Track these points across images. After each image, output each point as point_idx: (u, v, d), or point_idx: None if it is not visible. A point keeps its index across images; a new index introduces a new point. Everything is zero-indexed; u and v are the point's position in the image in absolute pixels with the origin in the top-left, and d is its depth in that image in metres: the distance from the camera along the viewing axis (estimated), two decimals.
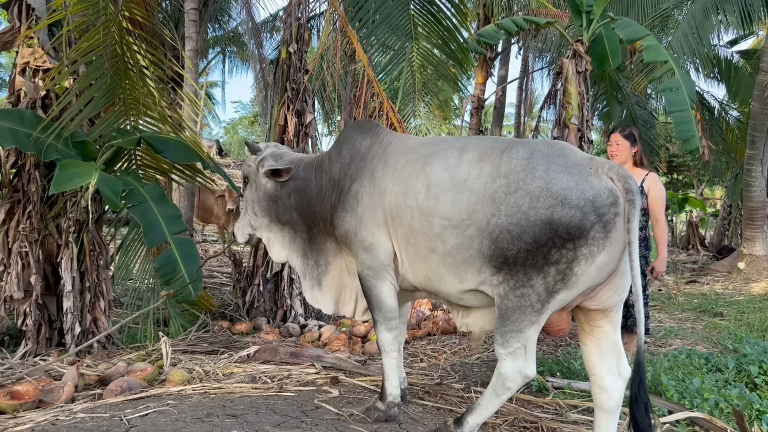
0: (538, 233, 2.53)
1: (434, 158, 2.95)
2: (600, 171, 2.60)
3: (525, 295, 2.61)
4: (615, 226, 2.52)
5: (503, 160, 2.72)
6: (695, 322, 6.97)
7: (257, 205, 3.63)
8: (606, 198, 2.52)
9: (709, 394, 3.60)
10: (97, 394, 3.67)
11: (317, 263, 3.56)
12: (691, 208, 21.11)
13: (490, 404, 2.84)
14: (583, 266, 2.54)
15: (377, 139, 3.31)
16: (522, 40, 16.78)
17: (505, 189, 2.64)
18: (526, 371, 2.71)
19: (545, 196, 2.54)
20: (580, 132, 8.34)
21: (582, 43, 8.53)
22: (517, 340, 2.67)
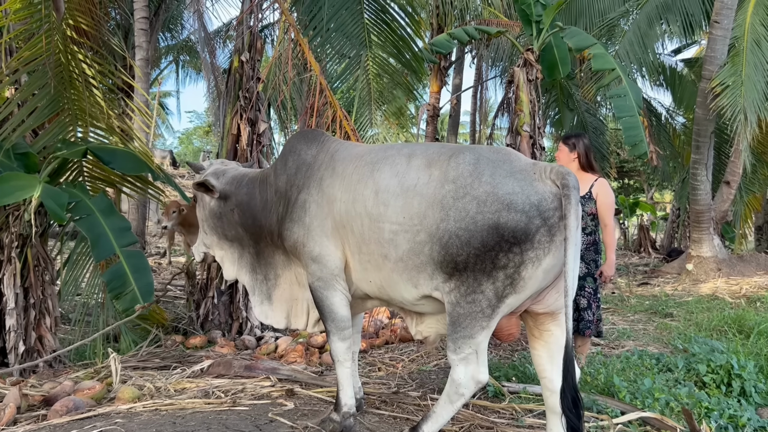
0: (485, 238, 2.56)
1: (382, 164, 2.95)
2: (544, 175, 2.64)
3: (476, 301, 2.63)
4: (559, 230, 2.57)
5: (451, 165, 2.74)
6: (647, 324, 7.13)
7: (205, 224, 3.64)
8: (550, 202, 2.56)
9: (659, 393, 3.67)
10: (42, 415, 3.53)
11: (266, 277, 3.52)
12: (642, 212, 21.69)
13: (445, 411, 2.84)
14: (530, 270, 2.57)
15: (323, 148, 3.28)
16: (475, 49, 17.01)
17: (453, 194, 2.66)
18: (478, 377, 2.74)
19: (492, 201, 2.57)
20: (532, 139, 8.47)
21: (532, 52, 8.68)
22: (468, 345, 2.69)
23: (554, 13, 8.41)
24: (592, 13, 12.43)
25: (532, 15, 8.38)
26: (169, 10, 15.26)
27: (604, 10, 12.46)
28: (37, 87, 4.79)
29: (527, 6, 8.29)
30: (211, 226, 3.61)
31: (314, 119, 5.40)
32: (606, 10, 12.47)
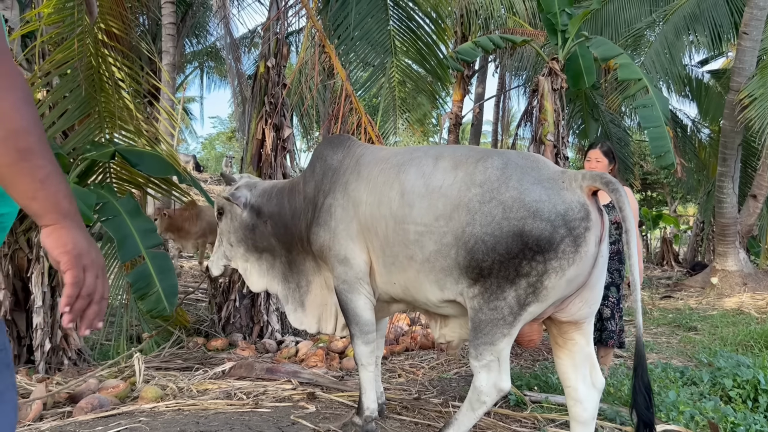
0: (510, 244, 2.53)
1: (408, 166, 2.93)
2: (573, 184, 2.60)
3: (498, 308, 2.61)
4: (585, 241, 2.53)
5: (478, 168, 2.71)
6: (670, 337, 7.04)
7: (233, 236, 3.62)
8: (577, 212, 2.52)
9: (684, 407, 3.61)
10: (67, 412, 3.57)
11: (299, 285, 3.55)
12: (665, 225, 21.44)
13: (467, 419, 2.83)
14: (553, 279, 2.54)
15: (349, 152, 3.29)
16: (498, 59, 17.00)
17: (479, 198, 2.63)
18: (500, 384, 2.71)
19: (518, 207, 2.55)
20: (555, 149, 8.43)
21: (557, 61, 8.65)
22: (490, 352, 2.67)
23: (580, 22, 8.37)
24: (618, 23, 12.36)
25: (558, 24, 8.35)
26: (195, 16, 15.47)
27: (630, 20, 12.39)
28: (68, 89, 4.88)
29: (553, 15, 8.27)
30: (240, 237, 3.60)
31: (339, 125, 5.42)
32: (632, 20, 12.40)
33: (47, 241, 1.04)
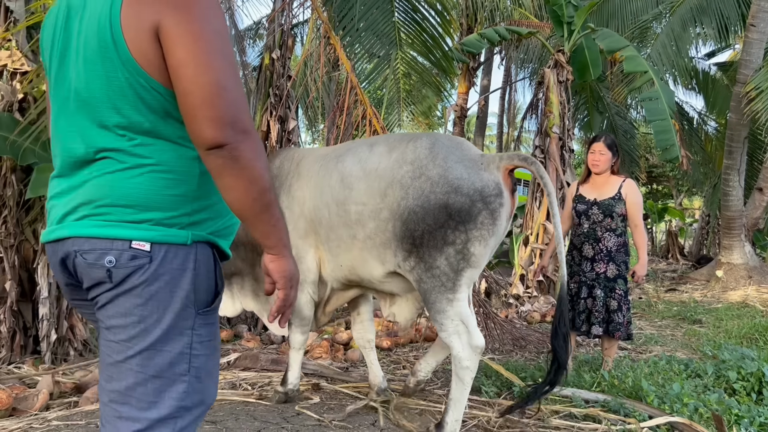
0: (437, 215, 2.85)
1: (346, 156, 3.19)
2: (492, 165, 2.96)
3: (435, 275, 2.90)
4: (500, 215, 2.89)
5: (409, 148, 3.02)
6: (675, 329, 7.03)
7: None
8: (492, 189, 2.88)
9: (688, 399, 3.62)
10: (73, 402, 3.60)
11: (269, 298, 3.60)
12: (671, 218, 21.38)
13: (461, 393, 2.98)
14: (479, 247, 2.88)
15: (287, 158, 3.50)
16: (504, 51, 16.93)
17: (411, 174, 2.93)
18: (474, 342, 2.95)
19: (443, 183, 2.87)
20: (561, 141, 8.42)
21: (563, 53, 8.63)
22: (448, 318, 2.94)
23: (586, 14, 8.34)
24: (624, 15, 12.28)
25: (564, 16, 8.32)
26: None
27: (636, 12, 12.31)
28: None
29: (559, 7, 8.23)
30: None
31: (344, 117, 5.42)
32: (638, 12, 12.31)
33: (272, 265, 1.41)
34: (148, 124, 1.32)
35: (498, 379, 4.10)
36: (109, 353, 1.34)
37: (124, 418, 1.32)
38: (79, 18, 1.35)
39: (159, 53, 1.28)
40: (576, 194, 4.57)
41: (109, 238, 1.30)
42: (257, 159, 1.29)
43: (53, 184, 1.42)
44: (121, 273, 1.30)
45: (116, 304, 1.31)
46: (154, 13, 1.26)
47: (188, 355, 1.35)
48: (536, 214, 8.44)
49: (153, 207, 1.32)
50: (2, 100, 4.93)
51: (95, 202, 1.32)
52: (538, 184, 8.62)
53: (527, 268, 8.30)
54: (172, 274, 1.33)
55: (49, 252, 1.41)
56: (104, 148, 1.32)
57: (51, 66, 1.42)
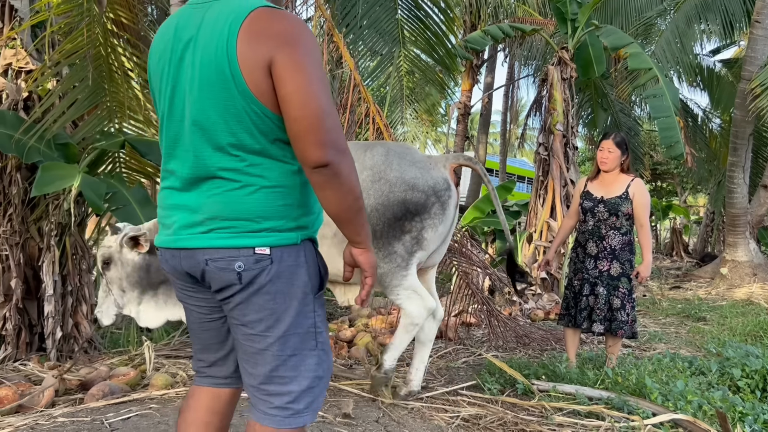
0: (396, 210, 3.34)
1: None
2: (439, 164, 3.56)
3: (392, 260, 3.39)
4: (449, 205, 3.48)
5: (367, 156, 3.45)
6: (679, 327, 7.03)
7: (125, 282, 3.53)
8: (442, 185, 3.45)
9: (692, 396, 3.61)
10: (79, 399, 3.62)
11: None
12: (675, 215, 21.32)
13: (403, 340, 3.56)
14: (430, 233, 3.44)
15: None
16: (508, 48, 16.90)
17: (371, 178, 3.38)
18: (427, 305, 3.49)
19: (400, 183, 3.36)
20: (565, 138, 8.41)
21: (567, 51, 8.61)
22: (403, 289, 3.44)
23: (590, 11, 8.32)
24: (629, 12, 12.25)
25: (568, 13, 8.30)
26: None
27: (640, 9, 12.28)
28: (78, 79, 4.89)
29: (563, 4, 8.22)
30: (134, 281, 3.52)
31: (348, 114, 5.42)
32: (643, 9, 12.28)
33: (361, 257, 1.65)
34: (258, 145, 1.53)
35: (501, 376, 4.11)
36: (249, 344, 1.60)
37: (274, 394, 1.60)
38: (192, 51, 1.54)
39: (271, 84, 1.47)
40: (583, 191, 4.56)
41: (236, 247, 1.54)
42: (352, 173, 1.53)
43: (168, 195, 1.64)
44: (249, 275, 1.54)
45: (250, 303, 1.56)
46: (268, 50, 1.45)
47: (314, 332, 1.62)
48: (540, 212, 8.44)
49: (268, 217, 1.55)
50: (7, 98, 4.95)
51: (220, 217, 1.55)
52: (542, 182, 8.62)
53: (531, 266, 8.30)
54: (290, 270, 1.58)
55: (167, 255, 1.66)
56: (220, 168, 1.54)
57: (162, 90, 1.62)
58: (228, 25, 1.48)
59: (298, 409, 1.60)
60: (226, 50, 1.47)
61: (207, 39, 1.50)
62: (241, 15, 1.48)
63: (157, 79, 1.65)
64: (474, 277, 6.19)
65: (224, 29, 1.48)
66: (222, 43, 1.47)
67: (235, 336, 1.64)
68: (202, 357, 1.81)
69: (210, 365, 1.80)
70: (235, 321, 1.61)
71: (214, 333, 1.76)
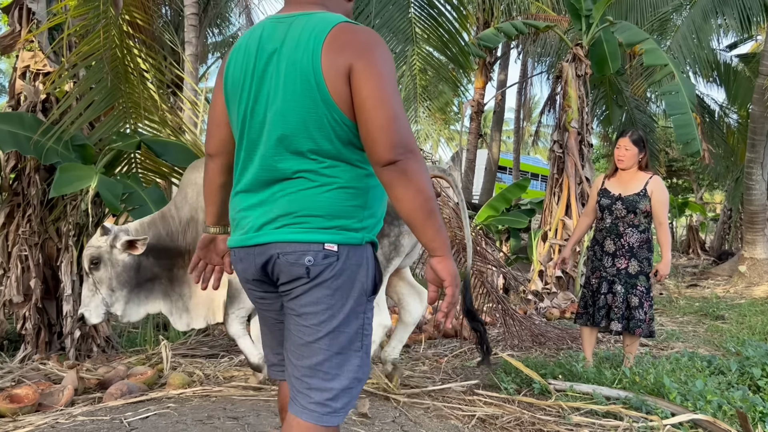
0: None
1: None
2: None
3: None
4: None
5: None
6: (697, 326, 6.96)
7: (115, 281, 3.54)
8: None
9: (712, 396, 3.58)
10: (97, 398, 3.65)
11: (181, 295, 3.73)
12: (691, 213, 21.12)
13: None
14: (407, 238, 3.56)
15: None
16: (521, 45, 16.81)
17: None
18: (384, 322, 3.52)
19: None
20: (580, 135, 8.35)
21: (581, 47, 8.55)
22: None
23: (604, 7, 8.26)
24: (644, 7, 12.13)
25: (582, 9, 8.24)
26: (217, 6, 15.52)
27: (656, 4, 12.15)
28: (95, 81, 4.93)
29: (576, 0, 8.15)
30: (124, 280, 3.56)
31: None
32: (658, 4, 12.15)
33: (440, 266, 1.61)
34: (335, 150, 1.61)
35: (517, 376, 4.09)
36: (300, 335, 1.64)
37: (314, 389, 1.63)
38: (276, 62, 1.63)
39: (349, 92, 1.57)
40: (601, 188, 4.53)
41: (307, 242, 1.60)
42: (422, 173, 1.56)
43: (241, 199, 1.72)
44: (316, 269, 1.59)
45: (309, 294, 1.61)
46: (347, 60, 1.55)
47: (361, 334, 1.67)
48: (555, 210, 8.39)
49: (338, 216, 1.62)
50: (25, 100, 5.00)
51: (293, 213, 1.62)
52: (556, 179, 8.57)
53: (546, 264, 8.26)
54: (352, 269, 1.63)
55: (241, 254, 1.72)
56: (299, 170, 1.62)
57: (243, 98, 1.70)
58: (313, 38, 1.58)
59: (336, 408, 1.63)
60: (311, 61, 1.56)
61: (292, 51, 1.60)
62: (325, 29, 1.59)
63: (237, 88, 1.72)
64: (488, 275, 6.17)
65: (310, 42, 1.58)
66: (308, 54, 1.57)
67: (287, 326, 1.70)
68: (280, 351, 1.85)
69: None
70: (291, 311, 1.67)
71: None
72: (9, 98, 5.14)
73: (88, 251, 3.51)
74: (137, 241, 3.48)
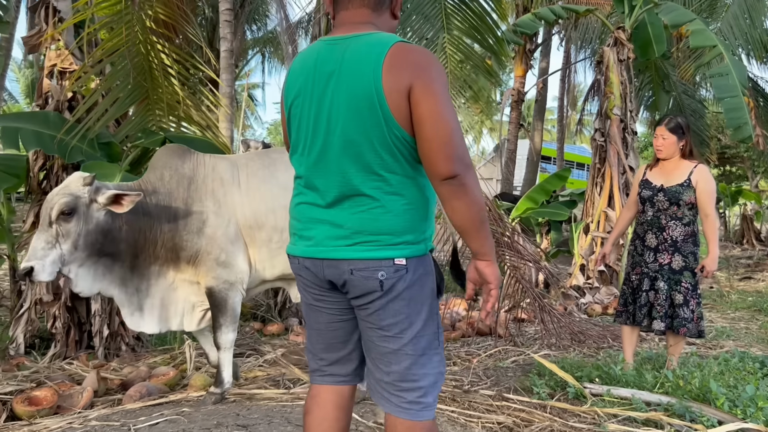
0: None
1: (275, 166, 3.60)
2: None
3: None
4: None
5: None
6: (749, 322, 6.57)
7: (81, 239, 3.17)
8: None
9: (764, 402, 3.28)
10: (117, 400, 3.60)
11: (138, 289, 3.44)
12: (746, 201, 20.19)
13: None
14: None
15: (199, 162, 3.58)
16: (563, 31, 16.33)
17: None
18: None
19: None
20: (623, 123, 7.99)
21: (624, 30, 8.18)
22: None
23: None
24: None
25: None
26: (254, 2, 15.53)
27: None
28: (119, 77, 4.90)
29: None
30: (89, 242, 3.20)
31: None
32: None
33: (487, 270, 1.76)
34: (399, 167, 1.72)
35: (551, 379, 3.87)
36: (385, 345, 1.78)
37: (406, 390, 1.78)
38: (335, 82, 1.72)
39: (409, 109, 1.66)
40: (642, 179, 4.25)
41: (379, 258, 1.72)
42: (476, 186, 1.70)
43: (308, 209, 1.83)
44: (389, 283, 1.72)
45: (388, 309, 1.75)
46: (407, 78, 1.64)
47: (437, 333, 1.83)
48: (597, 201, 8.06)
49: (405, 231, 1.74)
50: (52, 100, 5.00)
51: (365, 231, 1.73)
52: (598, 169, 8.23)
53: (587, 258, 7.94)
54: (421, 278, 1.77)
55: (307, 263, 1.83)
56: (365, 187, 1.72)
57: (304, 118, 1.80)
58: (373, 58, 1.66)
59: (428, 403, 1.80)
60: (373, 80, 1.65)
61: (352, 71, 1.69)
62: (383, 49, 1.67)
63: (297, 109, 1.82)
64: (526, 270, 5.93)
65: (369, 61, 1.66)
66: (369, 73, 1.66)
67: (368, 338, 1.82)
68: (324, 356, 1.96)
69: (331, 364, 1.96)
70: (370, 325, 1.79)
71: (341, 333, 1.93)
72: (36, 98, 5.16)
73: (63, 199, 3.11)
74: (126, 197, 3.15)
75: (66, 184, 3.21)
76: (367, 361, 1.88)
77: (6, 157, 5.02)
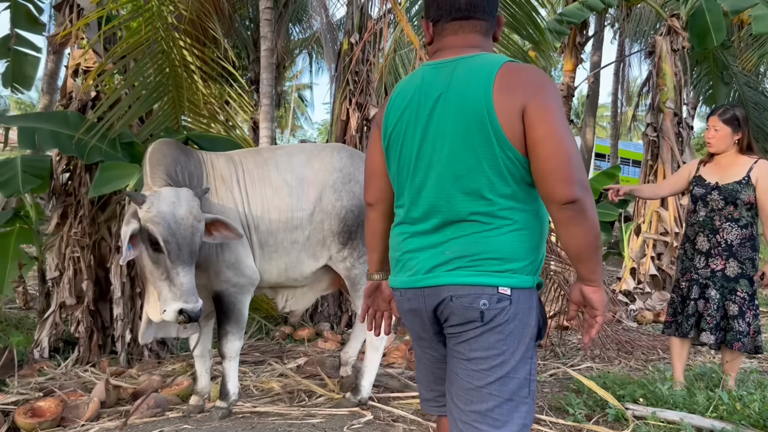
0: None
1: (270, 166, 3.49)
2: None
3: (365, 262, 3.38)
4: None
5: (334, 158, 3.53)
6: None
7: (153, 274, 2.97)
8: None
9: None
10: (125, 411, 3.44)
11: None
12: None
13: (374, 359, 3.45)
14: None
15: (200, 158, 3.46)
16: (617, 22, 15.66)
17: (341, 180, 3.48)
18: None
19: None
20: (676, 116, 7.49)
21: (678, 18, 7.66)
22: None
23: None
24: None
25: None
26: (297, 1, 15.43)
27: None
28: (141, 75, 4.78)
29: None
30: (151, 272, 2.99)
31: None
32: None
33: (594, 296, 1.62)
34: (509, 189, 1.60)
35: (590, 397, 3.51)
36: (469, 380, 1.63)
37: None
38: (443, 105, 1.64)
39: (522, 130, 1.56)
40: (695, 175, 3.84)
41: (482, 285, 1.58)
42: (595, 211, 1.57)
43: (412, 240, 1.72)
44: (490, 313, 1.58)
45: (481, 339, 1.60)
46: (521, 99, 1.56)
47: (529, 380, 1.64)
48: (649, 200, 7.56)
49: (513, 259, 1.60)
50: (75, 98, 4.92)
51: (468, 256, 1.60)
52: (650, 166, 7.73)
53: (639, 261, 7.46)
54: (524, 313, 1.61)
55: (409, 295, 1.71)
56: (473, 212, 1.61)
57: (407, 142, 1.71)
58: (483, 78, 1.59)
59: None
60: (484, 100, 1.57)
61: (461, 92, 1.61)
62: (493, 70, 1.60)
63: (399, 135, 1.74)
64: (569, 275, 5.55)
65: (480, 82, 1.59)
66: (479, 94, 1.58)
67: (452, 369, 1.68)
68: (435, 388, 1.84)
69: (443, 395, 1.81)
70: (458, 355, 1.66)
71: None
72: (61, 97, 5.09)
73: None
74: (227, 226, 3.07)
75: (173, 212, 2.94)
76: (447, 396, 1.71)
77: (30, 158, 4.97)
